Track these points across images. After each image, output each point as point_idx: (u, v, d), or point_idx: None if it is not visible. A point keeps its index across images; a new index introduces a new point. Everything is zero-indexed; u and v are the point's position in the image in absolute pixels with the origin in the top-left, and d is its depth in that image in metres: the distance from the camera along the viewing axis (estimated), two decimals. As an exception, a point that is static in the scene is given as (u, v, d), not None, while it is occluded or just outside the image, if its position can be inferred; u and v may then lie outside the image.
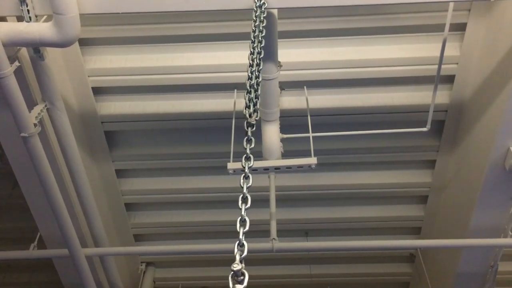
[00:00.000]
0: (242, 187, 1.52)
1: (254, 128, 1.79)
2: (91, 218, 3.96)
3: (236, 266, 1.33)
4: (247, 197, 1.50)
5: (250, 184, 1.54)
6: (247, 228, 1.43)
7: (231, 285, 1.31)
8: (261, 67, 2.09)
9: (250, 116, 1.86)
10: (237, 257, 1.36)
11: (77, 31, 2.53)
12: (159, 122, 4.18)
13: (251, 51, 2.16)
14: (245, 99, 1.94)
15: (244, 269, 1.33)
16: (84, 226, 4.10)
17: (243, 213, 1.46)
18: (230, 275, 1.33)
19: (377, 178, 4.67)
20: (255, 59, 2.10)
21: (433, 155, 4.46)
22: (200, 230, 5.15)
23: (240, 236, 1.41)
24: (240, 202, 1.48)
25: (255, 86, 1.99)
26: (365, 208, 4.99)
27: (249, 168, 1.60)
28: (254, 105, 1.91)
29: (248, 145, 1.69)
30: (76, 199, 3.87)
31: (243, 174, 1.57)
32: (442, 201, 4.72)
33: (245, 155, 1.64)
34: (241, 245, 1.40)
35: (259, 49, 2.17)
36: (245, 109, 1.90)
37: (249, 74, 2.04)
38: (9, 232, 5.19)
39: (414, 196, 4.91)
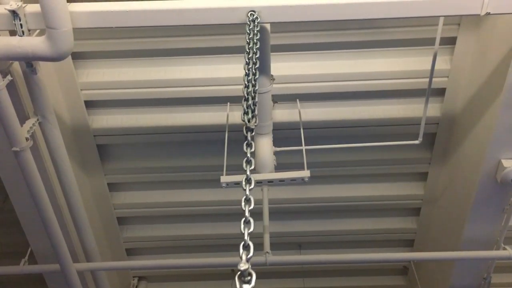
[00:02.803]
0: (245, 189, 1.48)
1: (254, 133, 1.79)
2: (83, 232, 3.92)
3: (243, 265, 1.27)
4: (250, 198, 1.48)
5: (252, 186, 1.53)
6: (251, 229, 1.39)
7: (238, 285, 1.26)
8: (257, 76, 2.09)
9: (249, 121, 1.84)
10: (244, 257, 1.30)
11: (70, 45, 2.52)
12: (151, 135, 4.17)
13: (246, 61, 2.17)
14: (243, 106, 1.92)
15: (251, 269, 1.27)
16: (75, 241, 4.05)
17: (247, 214, 1.43)
18: (236, 276, 1.28)
19: (370, 190, 4.68)
20: (250, 69, 2.09)
21: (425, 167, 4.48)
22: (193, 244, 5.11)
23: (245, 237, 1.36)
24: (243, 203, 1.46)
25: (252, 94, 1.98)
26: (358, 221, 4.98)
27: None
28: (253, 111, 1.90)
29: (249, 149, 1.70)
30: (68, 213, 3.83)
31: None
32: (434, 213, 4.72)
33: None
34: (246, 246, 1.35)
35: (254, 60, 2.18)
36: (243, 115, 1.88)
37: (246, 83, 2.04)
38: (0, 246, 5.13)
39: (407, 209, 4.92)
